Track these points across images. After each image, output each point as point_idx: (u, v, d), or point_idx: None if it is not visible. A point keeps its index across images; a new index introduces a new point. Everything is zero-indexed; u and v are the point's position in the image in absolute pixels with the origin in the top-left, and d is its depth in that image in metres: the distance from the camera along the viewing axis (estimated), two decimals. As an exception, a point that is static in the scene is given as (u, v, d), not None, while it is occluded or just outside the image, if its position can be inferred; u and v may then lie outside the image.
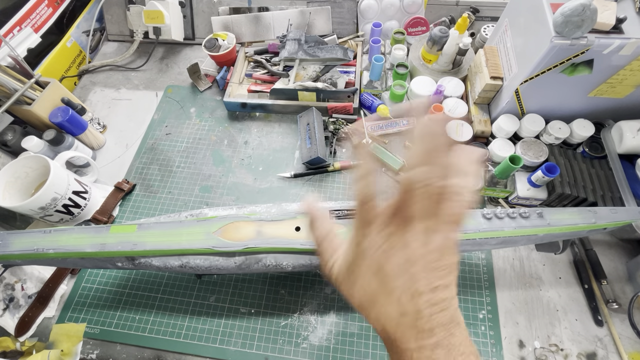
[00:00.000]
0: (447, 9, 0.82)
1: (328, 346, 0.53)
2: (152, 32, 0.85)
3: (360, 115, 0.75)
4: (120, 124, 0.79)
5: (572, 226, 0.47)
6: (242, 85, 0.81)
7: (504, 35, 0.64)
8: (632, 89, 0.56)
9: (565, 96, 0.60)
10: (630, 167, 0.59)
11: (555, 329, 0.54)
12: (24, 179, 0.44)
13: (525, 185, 0.61)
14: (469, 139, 0.64)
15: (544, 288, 0.57)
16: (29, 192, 0.45)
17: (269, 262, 0.46)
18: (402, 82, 0.72)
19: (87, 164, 0.71)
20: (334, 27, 0.85)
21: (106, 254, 0.46)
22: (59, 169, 0.49)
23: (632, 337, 0.52)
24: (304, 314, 0.56)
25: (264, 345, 0.54)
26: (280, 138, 0.75)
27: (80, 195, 0.59)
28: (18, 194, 0.47)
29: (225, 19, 0.85)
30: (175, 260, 0.47)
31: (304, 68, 0.79)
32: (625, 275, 0.58)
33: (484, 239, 0.47)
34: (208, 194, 0.68)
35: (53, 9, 0.82)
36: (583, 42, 0.49)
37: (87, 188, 0.61)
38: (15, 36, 0.73)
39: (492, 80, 0.62)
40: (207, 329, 0.55)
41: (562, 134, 0.61)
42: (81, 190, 0.59)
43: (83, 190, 0.60)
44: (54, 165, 0.43)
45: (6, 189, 0.43)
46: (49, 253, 0.46)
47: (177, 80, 0.86)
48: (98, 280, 0.60)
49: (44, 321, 0.57)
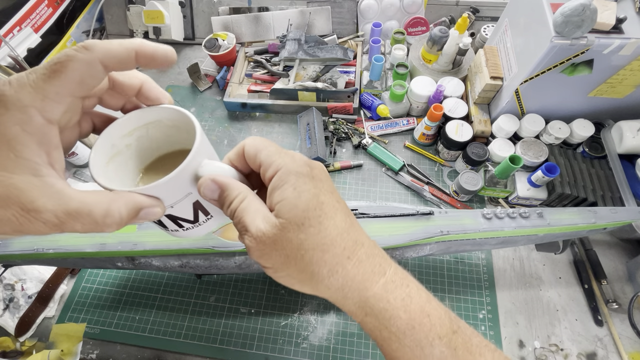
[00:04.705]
0: (447, 9, 0.82)
1: (328, 346, 0.53)
2: (152, 32, 0.85)
3: (361, 115, 0.75)
4: (120, 124, 0.79)
5: (572, 226, 0.47)
6: (242, 85, 0.81)
7: (504, 35, 0.64)
8: (632, 89, 0.57)
9: (565, 96, 0.60)
10: (630, 167, 0.59)
11: (555, 329, 0.54)
12: (125, 153, 0.27)
13: (525, 185, 0.61)
14: (469, 138, 0.64)
15: (544, 288, 0.57)
16: (128, 176, 0.27)
17: (269, 262, 0.46)
18: (402, 82, 0.72)
19: (87, 164, 0.71)
20: (334, 27, 0.85)
21: (106, 254, 0.46)
22: (207, 145, 0.26)
23: (632, 337, 0.52)
24: (304, 314, 0.56)
25: (264, 345, 0.54)
26: (280, 138, 0.75)
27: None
28: (115, 176, 0.26)
29: (225, 19, 0.85)
30: (175, 260, 0.47)
31: (304, 68, 0.79)
32: (625, 275, 0.58)
33: (484, 239, 0.47)
34: (208, 194, 0.68)
35: (53, 9, 0.82)
36: (583, 42, 0.49)
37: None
38: (15, 36, 0.73)
39: (492, 80, 0.62)
40: (207, 329, 0.55)
41: (562, 134, 0.61)
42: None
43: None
44: (200, 133, 0.24)
45: (110, 163, 0.25)
46: (49, 253, 0.46)
47: (177, 80, 0.86)
48: (98, 280, 0.60)
49: (44, 321, 0.57)
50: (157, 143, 0.28)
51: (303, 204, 0.22)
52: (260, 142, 0.24)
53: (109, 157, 0.25)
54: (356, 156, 0.72)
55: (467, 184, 0.61)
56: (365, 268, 0.23)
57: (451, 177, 0.68)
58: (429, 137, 0.70)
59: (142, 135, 0.27)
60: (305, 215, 0.22)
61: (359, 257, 0.24)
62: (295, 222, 0.22)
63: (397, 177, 0.68)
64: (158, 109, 0.26)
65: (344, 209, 0.24)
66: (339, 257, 0.23)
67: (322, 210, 0.23)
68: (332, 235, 0.23)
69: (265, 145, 0.24)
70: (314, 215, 0.22)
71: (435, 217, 0.47)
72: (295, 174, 0.23)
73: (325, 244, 0.23)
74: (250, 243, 0.23)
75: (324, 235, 0.23)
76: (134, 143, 0.27)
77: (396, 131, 0.74)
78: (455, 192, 0.64)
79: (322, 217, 0.23)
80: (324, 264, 0.23)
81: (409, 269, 0.59)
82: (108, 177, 0.23)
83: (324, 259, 0.23)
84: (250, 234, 0.23)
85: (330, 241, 0.23)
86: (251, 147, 0.24)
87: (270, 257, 0.23)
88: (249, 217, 0.23)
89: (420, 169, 0.68)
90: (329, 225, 0.23)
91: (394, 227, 0.46)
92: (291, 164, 0.23)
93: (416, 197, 0.67)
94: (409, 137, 0.74)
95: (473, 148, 0.63)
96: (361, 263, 0.23)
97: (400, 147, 0.73)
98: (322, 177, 0.24)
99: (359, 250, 0.24)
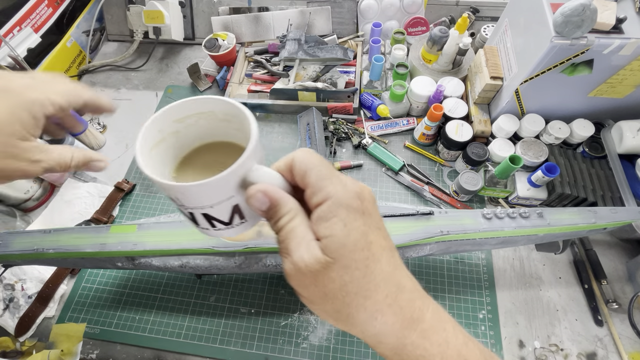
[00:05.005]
0: (447, 9, 0.82)
1: (328, 346, 0.53)
2: (152, 32, 0.85)
3: (361, 115, 0.75)
4: (120, 124, 0.79)
5: (572, 226, 0.47)
6: (242, 85, 0.81)
7: (504, 35, 0.64)
8: (632, 89, 0.57)
9: (565, 96, 0.60)
10: (630, 167, 0.59)
11: (555, 329, 0.54)
12: (168, 140, 0.25)
13: (525, 185, 0.61)
14: (469, 138, 0.64)
15: (544, 288, 0.57)
16: (167, 164, 0.26)
17: (269, 262, 0.46)
18: (402, 82, 0.72)
19: (87, 164, 0.71)
20: (334, 27, 0.85)
21: (106, 254, 0.46)
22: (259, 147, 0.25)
23: (632, 337, 0.52)
24: (304, 314, 0.56)
25: (264, 345, 0.54)
26: (280, 138, 0.75)
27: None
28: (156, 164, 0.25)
29: (225, 19, 0.85)
30: (175, 260, 0.47)
31: (304, 68, 0.79)
32: (625, 275, 0.58)
33: (484, 239, 0.47)
34: (208, 194, 0.68)
35: (53, 9, 0.82)
36: (583, 42, 0.49)
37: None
38: (15, 36, 0.73)
39: (492, 80, 0.62)
40: (207, 329, 0.55)
41: (562, 134, 0.61)
42: None
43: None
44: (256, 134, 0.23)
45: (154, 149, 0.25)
46: (49, 253, 0.46)
47: (177, 80, 0.86)
48: (98, 280, 0.60)
49: (44, 321, 0.57)
50: (201, 133, 0.27)
51: (351, 244, 0.21)
52: (311, 160, 0.23)
53: (154, 143, 0.25)
54: (356, 156, 0.72)
55: (467, 184, 0.61)
56: (405, 315, 0.22)
57: (451, 177, 0.68)
58: (429, 137, 0.70)
59: (191, 124, 0.26)
60: (353, 256, 0.21)
61: (399, 304, 0.22)
62: (341, 262, 0.21)
63: (397, 177, 0.68)
64: (214, 100, 0.25)
65: (390, 248, 0.23)
66: (380, 305, 0.22)
67: (370, 252, 0.22)
68: (377, 280, 0.22)
69: (316, 164, 0.23)
70: (361, 257, 0.21)
71: (435, 217, 0.47)
72: (346, 208, 0.22)
73: (368, 289, 0.22)
74: (290, 271, 0.22)
75: (369, 280, 0.22)
76: (181, 131, 0.26)
77: (396, 131, 0.74)
78: (455, 192, 0.64)
79: (370, 259, 0.22)
80: (364, 309, 0.22)
81: (409, 269, 0.59)
82: (150, 165, 0.23)
83: (364, 305, 0.22)
84: (291, 260, 0.22)
85: (374, 287, 0.22)
86: (301, 164, 0.23)
87: (308, 290, 0.22)
88: (293, 242, 0.22)
89: (420, 169, 0.68)
90: (375, 269, 0.22)
91: (394, 227, 0.46)
92: (342, 194, 0.22)
93: (416, 197, 0.67)
94: (409, 137, 0.74)
95: (473, 148, 0.63)
96: (402, 310, 0.22)
97: (400, 147, 0.73)
98: (371, 210, 0.23)
99: (400, 296, 0.23)
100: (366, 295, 0.22)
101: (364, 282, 0.21)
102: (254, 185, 0.23)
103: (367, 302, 0.22)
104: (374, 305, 0.22)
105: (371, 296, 0.22)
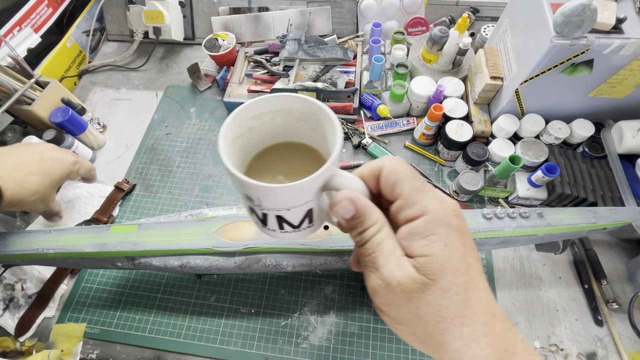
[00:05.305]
0: (447, 9, 0.82)
1: (328, 346, 0.53)
2: (152, 32, 0.85)
3: (361, 115, 0.75)
4: (120, 124, 0.79)
5: (572, 226, 0.47)
6: (242, 85, 0.81)
7: (504, 35, 0.64)
8: (632, 89, 0.57)
9: (565, 96, 0.60)
10: (630, 167, 0.59)
11: (555, 329, 0.54)
12: (245, 136, 0.25)
13: (525, 185, 0.61)
14: (469, 138, 0.64)
15: (544, 288, 0.57)
16: (242, 160, 0.26)
17: (269, 262, 0.46)
18: (402, 82, 0.72)
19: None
20: (334, 27, 0.85)
21: (106, 254, 0.46)
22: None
23: (632, 337, 0.52)
24: (304, 314, 0.56)
25: (264, 345, 0.54)
26: (280, 138, 0.75)
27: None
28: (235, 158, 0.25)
29: (225, 19, 0.85)
30: (175, 260, 0.47)
31: (304, 68, 0.79)
32: (625, 275, 0.58)
33: (484, 239, 0.47)
34: (208, 194, 0.68)
35: (53, 9, 0.82)
36: (583, 42, 0.49)
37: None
38: (15, 36, 0.73)
39: (492, 80, 0.62)
40: (207, 329, 0.55)
41: (562, 134, 0.61)
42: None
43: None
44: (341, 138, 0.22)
45: (233, 143, 0.25)
46: (49, 253, 0.46)
47: (177, 80, 0.86)
48: (98, 280, 0.60)
49: (44, 321, 0.57)
50: (274, 132, 0.26)
51: (453, 267, 0.20)
52: (403, 171, 0.21)
53: (234, 137, 0.24)
54: (356, 156, 0.72)
55: (467, 184, 0.61)
56: (500, 346, 0.21)
57: (451, 177, 0.68)
58: (429, 137, 0.70)
59: (267, 121, 0.25)
60: (454, 280, 0.20)
61: (495, 333, 0.21)
62: (440, 285, 0.20)
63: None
64: (294, 98, 0.24)
65: (482, 271, 0.22)
66: (477, 333, 0.20)
67: (469, 276, 0.21)
68: (474, 307, 0.20)
69: (409, 175, 0.21)
70: (461, 281, 0.20)
71: (435, 217, 0.47)
72: (446, 227, 0.20)
73: (466, 316, 0.20)
74: (379, 287, 0.21)
75: (467, 306, 0.20)
76: (256, 127, 0.25)
77: (396, 131, 0.74)
78: (455, 192, 0.64)
79: (469, 284, 0.20)
80: (460, 337, 0.20)
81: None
82: (230, 159, 0.22)
83: (461, 332, 0.20)
84: (380, 276, 0.20)
85: (472, 313, 0.20)
86: (392, 173, 0.22)
87: (397, 310, 0.21)
88: (382, 256, 0.21)
89: (420, 169, 0.68)
90: (473, 295, 0.21)
91: (394, 227, 0.46)
92: (441, 211, 0.20)
93: (416, 197, 0.66)
94: (409, 137, 0.74)
95: (473, 148, 0.63)
96: (497, 340, 0.21)
97: (400, 147, 0.73)
98: (466, 229, 0.22)
99: (497, 325, 0.21)
100: (463, 323, 0.20)
101: (462, 307, 0.20)
102: (341, 192, 0.22)
103: (464, 329, 0.20)
104: (470, 334, 0.20)
105: (468, 324, 0.20)
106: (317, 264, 0.47)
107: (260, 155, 0.27)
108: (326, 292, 0.58)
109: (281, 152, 0.27)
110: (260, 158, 0.27)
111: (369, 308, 0.56)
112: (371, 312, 0.56)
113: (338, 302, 0.57)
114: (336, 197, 0.22)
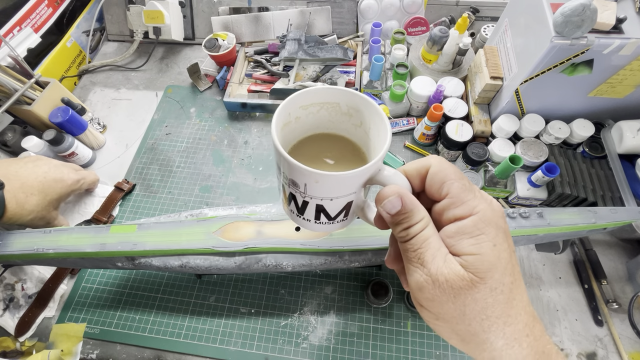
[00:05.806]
0: (447, 9, 0.82)
1: (328, 346, 0.53)
2: (152, 32, 0.85)
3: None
4: (120, 124, 0.79)
5: (572, 226, 0.47)
6: (242, 85, 0.81)
7: (504, 35, 0.64)
8: (632, 89, 0.56)
9: (565, 96, 0.60)
10: (630, 167, 0.59)
11: (555, 329, 0.54)
12: (291, 125, 0.26)
13: (525, 185, 0.61)
14: (469, 138, 0.64)
15: (544, 288, 0.57)
16: (285, 147, 0.26)
17: (269, 262, 0.46)
18: (402, 82, 0.72)
19: (86, 165, 0.71)
20: (334, 27, 0.85)
21: (106, 254, 0.46)
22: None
23: (632, 337, 0.52)
24: (304, 314, 0.56)
25: (264, 345, 0.54)
26: (280, 138, 0.75)
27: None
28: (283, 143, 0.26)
29: (225, 19, 0.85)
30: (175, 260, 0.47)
31: (304, 68, 0.79)
32: (625, 275, 0.58)
33: (484, 239, 0.47)
34: (208, 194, 0.68)
35: (53, 9, 0.82)
36: (583, 42, 0.49)
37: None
38: (15, 36, 0.73)
39: (492, 80, 0.62)
40: (207, 329, 0.55)
41: (562, 134, 0.61)
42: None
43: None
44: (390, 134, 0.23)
45: (283, 129, 0.26)
46: (49, 253, 0.46)
47: (177, 80, 0.86)
48: (98, 280, 0.60)
49: (44, 321, 0.57)
50: (317, 124, 0.27)
51: (502, 267, 0.20)
52: (451, 170, 0.22)
53: (283, 123, 0.24)
54: (356, 156, 0.72)
55: (467, 184, 0.61)
56: (539, 347, 0.21)
57: (451, 177, 0.68)
58: (429, 137, 0.70)
59: (312, 113, 0.26)
60: (501, 279, 0.20)
61: (535, 335, 0.21)
62: (489, 284, 0.20)
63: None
64: (343, 92, 0.24)
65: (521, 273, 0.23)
66: (519, 334, 0.21)
67: (514, 277, 0.21)
68: (518, 307, 0.21)
69: (458, 175, 0.22)
70: (508, 281, 0.21)
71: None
72: (495, 227, 0.21)
73: (510, 315, 0.21)
74: (425, 282, 0.21)
75: (512, 306, 0.21)
76: (302, 117, 0.26)
77: (396, 131, 0.74)
78: (455, 192, 0.64)
79: (514, 284, 0.21)
80: (502, 335, 0.21)
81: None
82: (280, 142, 0.23)
83: (504, 331, 0.21)
84: (427, 271, 0.21)
85: (515, 313, 0.21)
86: (440, 172, 0.22)
87: (441, 306, 0.21)
88: (429, 253, 0.21)
89: (420, 169, 0.68)
90: (517, 295, 0.21)
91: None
92: (489, 212, 0.21)
93: (416, 197, 0.66)
94: (409, 137, 0.74)
95: (473, 148, 0.63)
96: (536, 341, 0.21)
97: (400, 147, 0.73)
98: (509, 232, 0.22)
99: (536, 327, 0.22)
100: (507, 322, 0.21)
101: (506, 307, 0.21)
102: (389, 187, 0.22)
103: (507, 329, 0.21)
104: (513, 334, 0.21)
105: (512, 323, 0.21)
106: (317, 264, 0.47)
107: (299, 144, 0.27)
108: (326, 292, 0.58)
109: (319, 143, 0.27)
110: (299, 148, 0.27)
111: (369, 308, 0.56)
112: (371, 312, 0.56)
113: (338, 302, 0.57)
114: (385, 192, 0.22)
